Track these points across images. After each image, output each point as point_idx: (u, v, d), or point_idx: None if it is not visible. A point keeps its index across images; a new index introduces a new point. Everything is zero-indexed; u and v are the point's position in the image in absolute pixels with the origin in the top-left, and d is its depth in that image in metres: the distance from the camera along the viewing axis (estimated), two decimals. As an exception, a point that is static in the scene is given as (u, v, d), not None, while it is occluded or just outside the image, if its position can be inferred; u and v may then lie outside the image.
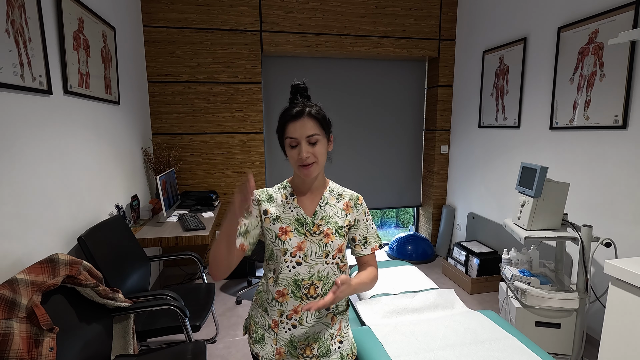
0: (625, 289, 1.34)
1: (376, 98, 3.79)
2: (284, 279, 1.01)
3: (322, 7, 3.33)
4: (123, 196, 2.43)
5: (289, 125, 0.97)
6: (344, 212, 1.07)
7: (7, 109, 1.32)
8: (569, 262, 2.37)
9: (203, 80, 3.22)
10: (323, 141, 1.00)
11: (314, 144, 0.98)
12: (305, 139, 0.97)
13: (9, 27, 1.32)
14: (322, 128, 0.99)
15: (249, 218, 1.03)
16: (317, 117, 0.98)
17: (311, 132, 0.97)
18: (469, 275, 3.02)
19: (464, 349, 1.40)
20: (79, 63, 1.88)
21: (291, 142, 0.98)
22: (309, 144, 0.97)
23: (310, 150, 0.97)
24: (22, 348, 1.06)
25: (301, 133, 0.96)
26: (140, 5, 3.00)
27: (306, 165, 0.98)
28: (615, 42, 1.72)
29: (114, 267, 1.76)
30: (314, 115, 0.98)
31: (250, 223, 1.03)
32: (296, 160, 0.98)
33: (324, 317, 1.04)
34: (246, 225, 1.03)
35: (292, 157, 1.00)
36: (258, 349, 1.05)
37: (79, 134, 1.85)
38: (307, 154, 0.96)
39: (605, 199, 2.14)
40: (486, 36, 3.18)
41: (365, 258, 1.11)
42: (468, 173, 3.53)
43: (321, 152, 0.99)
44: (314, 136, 0.97)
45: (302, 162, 0.97)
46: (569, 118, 2.35)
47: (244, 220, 1.03)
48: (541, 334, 1.97)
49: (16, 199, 1.35)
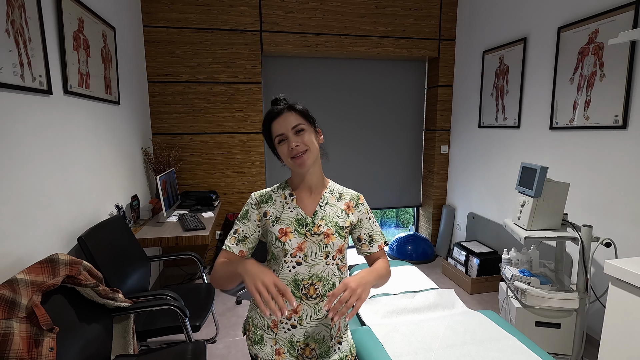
0: (625, 289, 1.34)
1: (376, 98, 3.79)
2: (283, 279, 1.00)
3: (322, 7, 3.33)
4: (123, 196, 2.43)
5: (273, 124, 1.00)
6: (344, 212, 1.07)
7: (7, 109, 1.32)
8: (569, 262, 2.37)
9: (203, 80, 3.22)
10: (310, 130, 1.01)
11: (300, 134, 0.99)
12: (291, 131, 0.98)
13: (9, 27, 1.32)
14: (306, 119, 1.01)
15: (247, 223, 1.04)
16: (298, 109, 1.01)
17: (295, 122, 0.99)
18: (469, 275, 3.02)
19: (464, 349, 1.40)
20: (79, 63, 1.88)
21: (279, 139, 1.00)
22: (296, 135, 0.99)
23: (298, 140, 0.99)
24: (22, 348, 1.06)
25: (285, 126, 0.98)
26: (140, 5, 3.00)
27: (298, 156, 0.98)
28: (615, 42, 1.72)
29: (114, 267, 1.76)
30: (295, 108, 1.00)
31: (248, 229, 1.03)
32: (287, 154, 0.99)
33: (323, 317, 1.03)
34: (244, 232, 1.03)
35: (283, 153, 1.01)
36: (257, 349, 1.04)
37: (79, 134, 1.85)
38: (297, 143, 0.98)
39: (605, 199, 2.14)
40: (486, 36, 3.18)
41: (375, 255, 1.11)
42: (468, 173, 3.53)
43: (310, 140, 1.00)
44: (298, 126, 0.99)
45: (293, 152, 0.98)
46: (569, 118, 2.35)
47: (242, 226, 1.03)
48: (541, 334, 1.97)
49: (16, 199, 1.35)
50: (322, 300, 1.02)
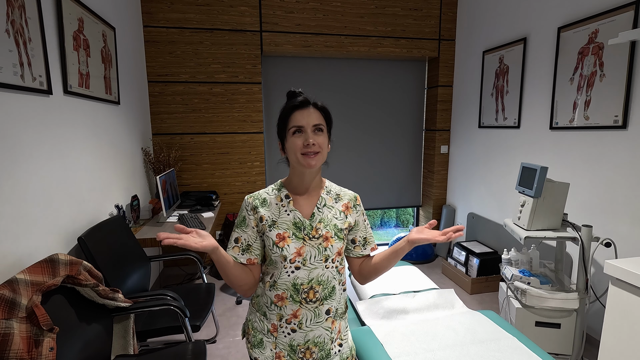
0: (625, 289, 1.34)
1: (376, 98, 3.79)
2: (282, 283, 0.98)
3: (322, 7, 3.33)
4: (123, 196, 2.43)
5: (295, 113, 0.96)
6: (343, 213, 1.05)
7: (7, 109, 1.32)
8: (569, 262, 2.37)
9: (203, 80, 3.22)
10: (326, 135, 0.99)
11: (318, 134, 0.96)
12: (311, 127, 0.95)
13: (9, 27, 1.32)
14: (326, 122, 0.99)
15: (246, 231, 1.01)
16: (323, 109, 0.99)
17: (317, 121, 0.96)
18: (469, 275, 3.02)
19: (464, 349, 1.40)
20: (79, 63, 1.88)
21: (296, 129, 0.95)
22: (314, 133, 0.96)
23: (315, 138, 0.95)
24: (22, 348, 1.06)
25: (308, 121, 0.95)
26: (140, 5, 3.00)
27: (310, 155, 0.95)
28: (615, 42, 1.72)
29: (114, 267, 1.76)
30: (320, 107, 0.98)
31: (249, 236, 1.01)
32: (300, 148, 0.95)
33: (323, 321, 1.02)
34: (247, 240, 1.00)
35: (295, 145, 0.95)
36: (257, 353, 1.03)
37: (79, 134, 1.85)
38: (313, 141, 0.95)
39: (605, 199, 2.14)
40: (486, 36, 3.18)
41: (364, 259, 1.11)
42: (468, 173, 3.53)
43: (325, 144, 0.98)
44: (319, 125, 0.96)
45: (307, 149, 0.94)
46: (569, 118, 2.35)
47: (242, 234, 1.01)
48: (541, 334, 1.97)
49: (16, 199, 1.35)
50: (321, 304, 1.00)
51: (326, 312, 1.02)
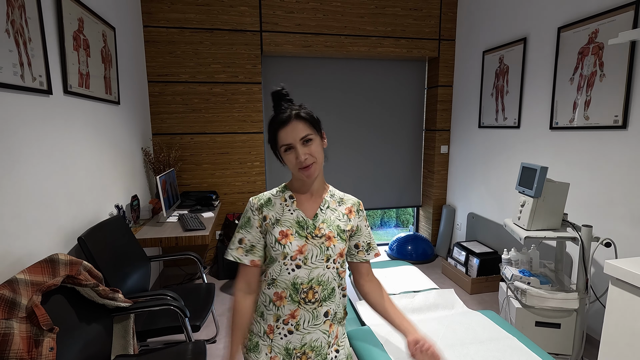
0: (625, 289, 1.34)
1: (376, 98, 3.79)
2: (282, 281, 0.98)
3: (322, 7, 3.33)
4: (123, 196, 2.43)
5: (280, 133, 0.96)
6: (346, 216, 1.06)
7: (7, 109, 1.32)
8: (569, 262, 2.37)
9: (203, 80, 3.22)
10: (317, 139, 0.98)
11: (309, 145, 0.96)
12: (299, 142, 0.95)
13: (9, 27, 1.32)
14: (313, 127, 0.98)
15: (250, 232, 1.01)
16: (306, 117, 0.97)
17: (303, 133, 0.95)
18: (469, 275, 3.02)
19: (464, 349, 1.40)
20: (79, 63, 1.88)
21: (286, 147, 0.96)
22: (304, 145, 0.96)
23: (306, 151, 0.96)
24: (22, 348, 1.06)
25: (294, 137, 0.95)
26: (140, 5, 3.00)
27: (306, 167, 0.96)
28: (615, 42, 1.72)
29: (114, 267, 1.76)
30: (303, 117, 0.96)
31: (252, 237, 1.01)
32: (295, 165, 0.96)
33: (321, 323, 1.01)
34: (251, 241, 1.00)
35: (290, 162, 0.97)
36: (252, 357, 1.03)
37: (79, 134, 1.85)
38: (305, 156, 0.95)
39: (605, 199, 2.14)
40: (486, 36, 3.18)
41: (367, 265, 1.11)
42: (468, 173, 3.53)
43: (318, 151, 0.98)
44: (307, 136, 0.96)
45: (301, 164, 0.95)
46: (569, 118, 2.35)
47: (246, 235, 1.01)
48: (541, 334, 1.97)
49: (16, 199, 1.35)
50: (320, 305, 1.00)
51: (324, 315, 1.01)
